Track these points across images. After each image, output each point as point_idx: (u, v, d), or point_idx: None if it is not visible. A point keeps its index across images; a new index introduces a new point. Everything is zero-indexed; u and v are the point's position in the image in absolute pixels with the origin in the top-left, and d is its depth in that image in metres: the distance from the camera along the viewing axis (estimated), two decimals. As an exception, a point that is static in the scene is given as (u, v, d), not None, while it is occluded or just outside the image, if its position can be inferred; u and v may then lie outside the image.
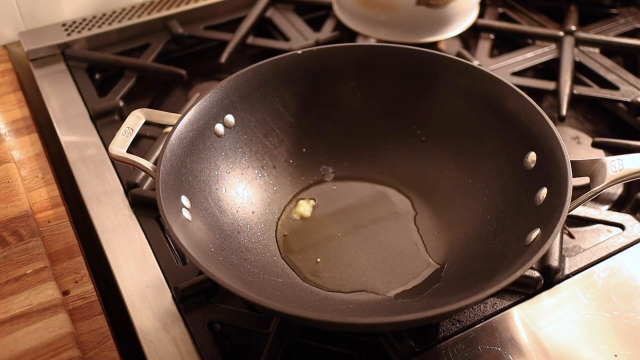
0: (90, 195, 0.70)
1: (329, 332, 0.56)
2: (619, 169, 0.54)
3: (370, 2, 0.86)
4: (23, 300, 0.57)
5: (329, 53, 0.69)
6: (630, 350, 0.54)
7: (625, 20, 0.95)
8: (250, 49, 0.93)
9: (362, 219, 0.67)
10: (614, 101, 0.80)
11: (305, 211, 0.68)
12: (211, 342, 0.55)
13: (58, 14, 0.93)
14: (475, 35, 0.92)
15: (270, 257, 0.63)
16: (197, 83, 0.89)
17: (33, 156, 0.75)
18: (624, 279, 0.60)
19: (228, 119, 0.66)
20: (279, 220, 0.67)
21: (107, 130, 0.78)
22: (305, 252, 0.64)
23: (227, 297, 0.60)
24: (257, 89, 0.67)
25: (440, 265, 0.62)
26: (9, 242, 0.62)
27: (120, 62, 0.87)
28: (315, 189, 0.70)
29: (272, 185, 0.69)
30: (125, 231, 0.66)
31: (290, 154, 0.70)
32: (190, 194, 0.59)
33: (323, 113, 0.71)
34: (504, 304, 0.58)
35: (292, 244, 0.65)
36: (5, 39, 0.92)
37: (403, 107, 0.70)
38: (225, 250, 0.59)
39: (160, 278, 0.61)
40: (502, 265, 0.55)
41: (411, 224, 0.66)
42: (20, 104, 0.82)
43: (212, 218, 0.61)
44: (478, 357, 0.54)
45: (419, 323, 0.53)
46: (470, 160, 0.66)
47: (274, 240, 0.65)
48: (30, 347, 0.54)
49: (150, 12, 0.94)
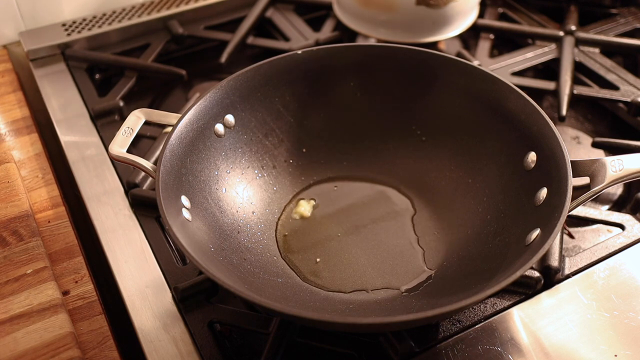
0: (90, 195, 0.70)
1: (329, 332, 0.56)
2: (619, 169, 0.54)
3: (370, 2, 0.86)
4: (23, 300, 0.57)
5: (329, 53, 0.69)
6: (630, 350, 0.54)
7: (625, 20, 0.95)
8: (250, 49, 0.93)
9: (362, 219, 0.67)
10: (614, 101, 0.80)
11: (306, 211, 0.68)
12: (211, 342, 0.55)
13: (58, 14, 0.93)
14: (475, 35, 0.92)
15: (270, 257, 0.63)
16: (197, 83, 0.89)
17: (33, 156, 0.75)
18: (624, 279, 0.60)
19: (228, 119, 0.66)
20: (279, 220, 0.67)
21: (107, 130, 0.78)
22: (305, 252, 0.64)
23: (227, 297, 0.60)
24: (257, 89, 0.67)
25: (440, 265, 0.62)
26: (9, 242, 0.62)
27: (120, 62, 0.87)
28: (315, 189, 0.70)
29: (272, 185, 0.69)
30: (125, 231, 0.66)
31: (290, 154, 0.70)
32: (190, 194, 0.59)
33: (323, 113, 0.71)
34: (504, 304, 0.58)
35: (292, 244, 0.65)
36: (5, 39, 0.92)
37: (403, 107, 0.70)
38: (225, 250, 0.59)
39: (160, 278, 0.61)
40: (502, 265, 0.55)
41: (411, 223, 0.66)
42: (20, 104, 0.82)
43: (212, 218, 0.61)
44: (478, 357, 0.54)
45: (419, 323, 0.53)
46: (470, 160, 0.66)
47: (274, 240, 0.65)
48: (30, 347, 0.54)
49: (150, 12, 0.94)
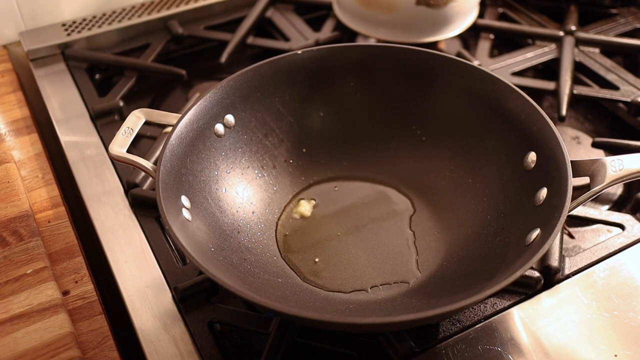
0: (90, 195, 0.70)
1: (329, 332, 0.56)
2: (619, 169, 0.53)
3: (370, 2, 0.86)
4: (23, 300, 0.57)
5: (329, 53, 0.69)
6: (630, 350, 0.54)
7: (625, 20, 0.95)
8: (250, 49, 0.93)
9: (362, 219, 0.67)
10: (614, 101, 0.80)
11: (306, 211, 0.68)
12: (211, 342, 0.55)
13: (58, 14, 0.93)
14: (475, 35, 0.92)
15: (270, 257, 0.63)
16: (197, 83, 0.89)
17: (33, 156, 0.75)
18: (624, 279, 0.60)
19: (228, 119, 0.66)
20: (279, 220, 0.67)
21: (107, 130, 0.78)
22: (305, 252, 0.64)
23: (227, 297, 0.60)
24: (257, 89, 0.67)
25: (440, 265, 0.62)
26: (9, 242, 0.62)
27: (120, 62, 0.87)
28: (315, 188, 0.70)
29: (272, 185, 0.69)
30: (125, 231, 0.66)
31: (290, 154, 0.70)
32: (190, 194, 0.59)
33: (323, 113, 0.71)
34: (504, 304, 0.58)
35: (292, 244, 0.65)
36: (5, 39, 0.92)
37: (403, 107, 0.70)
38: (225, 250, 0.59)
39: (160, 278, 0.61)
40: (502, 265, 0.55)
41: (411, 223, 0.66)
42: (20, 104, 0.82)
43: (212, 218, 0.61)
44: (478, 357, 0.54)
45: (419, 323, 0.53)
46: (470, 160, 0.66)
47: (274, 240, 0.65)
48: (30, 347, 0.54)
49: (150, 12, 0.94)
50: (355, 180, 0.71)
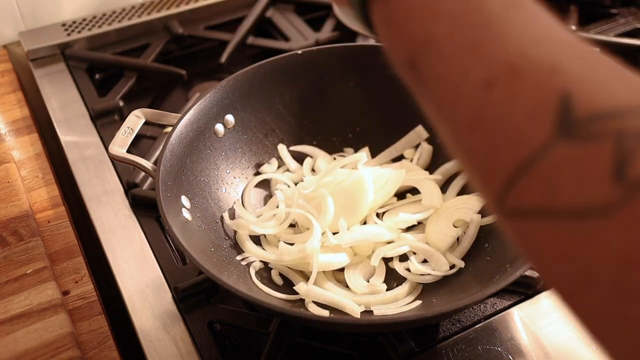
0: (90, 195, 0.70)
1: (329, 332, 0.56)
2: (619, 169, 0.53)
3: (370, 2, 0.85)
4: (23, 300, 0.57)
5: (329, 53, 0.69)
6: (630, 350, 0.54)
7: (625, 20, 0.95)
8: (250, 49, 0.93)
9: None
10: (614, 101, 0.80)
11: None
12: (211, 342, 0.55)
13: (58, 14, 0.93)
14: (475, 35, 0.91)
15: (270, 257, 0.63)
16: (197, 83, 0.89)
17: (33, 156, 0.75)
18: (624, 279, 0.60)
19: (228, 119, 0.66)
20: (279, 220, 0.67)
21: (107, 130, 0.78)
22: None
23: (227, 297, 0.60)
24: (257, 89, 0.67)
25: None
26: (9, 242, 0.62)
27: (120, 62, 0.87)
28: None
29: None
30: (125, 231, 0.66)
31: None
32: (190, 194, 0.59)
33: (323, 113, 0.71)
34: (504, 304, 0.58)
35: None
36: (5, 39, 0.92)
37: (403, 107, 0.69)
38: (226, 250, 0.59)
39: (160, 278, 0.61)
40: (502, 265, 0.55)
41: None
42: (20, 104, 0.82)
43: (212, 218, 0.61)
44: (478, 357, 0.54)
45: (419, 323, 0.53)
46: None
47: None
48: (30, 347, 0.54)
49: (150, 12, 0.94)
50: (355, 180, 0.71)
